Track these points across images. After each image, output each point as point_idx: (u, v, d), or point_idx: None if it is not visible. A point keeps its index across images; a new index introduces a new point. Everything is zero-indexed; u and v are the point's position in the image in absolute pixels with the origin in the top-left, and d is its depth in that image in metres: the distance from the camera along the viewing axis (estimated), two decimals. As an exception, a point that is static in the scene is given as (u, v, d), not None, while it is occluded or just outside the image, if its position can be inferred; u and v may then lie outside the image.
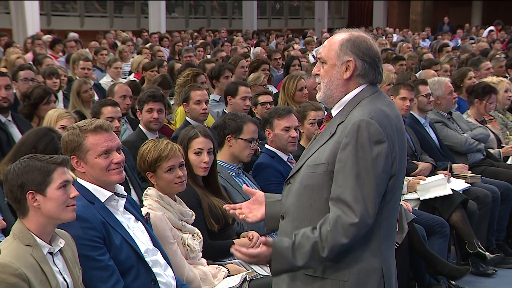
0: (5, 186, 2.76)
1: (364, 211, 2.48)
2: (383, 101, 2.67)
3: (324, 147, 2.62)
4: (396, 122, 2.64)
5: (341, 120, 2.62)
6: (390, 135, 2.55)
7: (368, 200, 2.48)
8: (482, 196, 5.51)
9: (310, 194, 2.62)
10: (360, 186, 2.48)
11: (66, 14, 22.59)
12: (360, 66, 2.64)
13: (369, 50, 2.65)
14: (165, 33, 18.56)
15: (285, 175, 4.48)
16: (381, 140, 2.52)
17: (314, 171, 2.61)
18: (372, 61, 2.66)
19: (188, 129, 4.08)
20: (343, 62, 2.64)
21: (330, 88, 2.69)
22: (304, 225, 2.62)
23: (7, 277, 2.54)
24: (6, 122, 5.41)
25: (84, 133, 3.07)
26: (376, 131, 2.52)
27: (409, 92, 5.80)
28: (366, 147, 2.50)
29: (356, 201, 2.48)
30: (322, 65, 2.71)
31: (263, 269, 3.75)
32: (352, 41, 2.65)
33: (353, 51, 2.64)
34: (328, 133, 2.64)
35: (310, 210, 2.62)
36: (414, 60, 10.60)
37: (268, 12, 28.59)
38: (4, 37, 13.69)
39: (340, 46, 2.65)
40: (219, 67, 7.50)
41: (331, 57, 2.67)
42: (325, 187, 2.58)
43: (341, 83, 2.67)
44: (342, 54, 2.64)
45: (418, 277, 4.81)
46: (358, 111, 2.59)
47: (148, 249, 3.15)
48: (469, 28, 23.20)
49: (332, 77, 2.67)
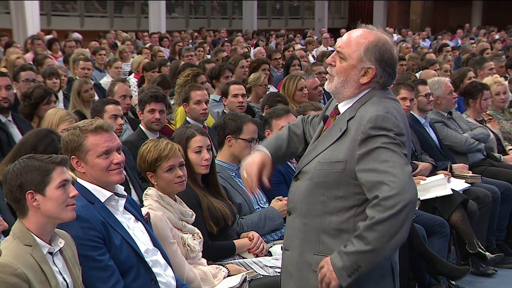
0: (5, 186, 2.76)
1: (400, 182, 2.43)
2: (392, 99, 2.69)
3: (338, 145, 2.60)
4: (404, 119, 2.67)
5: (351, 115, 2.61)
6: (404, 129, 2.57)
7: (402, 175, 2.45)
8: (482, 196, 5.51)
9: (323, 191, 2.61)
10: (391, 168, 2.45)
11: (66, 14, 22.60)
12: (379, 74, 2.65)
13: (391, 59, 2.66)
14: (165, 33, 18.57)
15: (285, 175, 4.49)
16: (400, 132, 2.53)
17: (329, 168, 2.60)
18: (391, 70, 2.67)
19: (183, 129, 4.08)
20: (364, 68, 2.63)
21: (344, 86, 2.68)
22: (312, 222, 2.63)
23: (7, 277, 2.54)
24: (7, 122, 5.41)
25: (84, 133, 3.06)
26: (394, 123, 2.53)
27: (409, 92, 5.80)
28: (390, 137, 2.49)
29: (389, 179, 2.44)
30: (340, 59, 2.67)
31: (263, 269, 3.75)
32: (379, 47, 2.62)
33: (377, 59, 2.62)
34: (339, 129, 2.63)
35: (321, 207, 2.61)
36: (414, 61, 10.61)
37: (268, 12, 28.59)
38: (5, 37, 13.69)
39: (365, 50, 2.62)
40: (219, 67, 7.52)
41: (353, 57, 2.64)
42: (342, 185, 2.57)
43: (356, 85, 2.67)
44: (365, 59, 2.62)
45: (418, 277, 4.81)
46: (371, 107, 2.59)
47: (148, 249, 3.15)
48: (469, 28, 23.21)
49: (348, 77, 2.66)
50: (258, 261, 3.80)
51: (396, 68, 2.68)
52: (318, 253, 2.64)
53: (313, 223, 2.63)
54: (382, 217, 2.41)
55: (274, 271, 3.69)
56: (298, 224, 2.69)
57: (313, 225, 2.64)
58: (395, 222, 2.41)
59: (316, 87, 6.82)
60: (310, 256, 2.65)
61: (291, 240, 2.75)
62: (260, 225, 4.14)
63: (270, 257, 3.89)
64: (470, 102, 6.56)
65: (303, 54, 11.19)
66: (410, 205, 2.42)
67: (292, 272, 2.72)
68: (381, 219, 2.42)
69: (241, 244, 3.91)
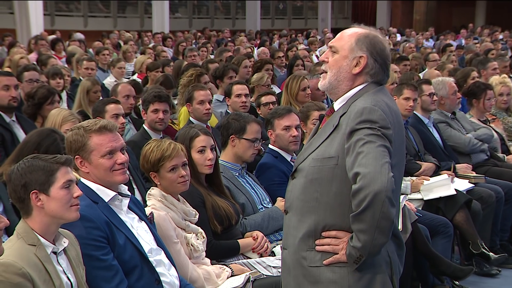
0: (9, 186, 2.76)
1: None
2: (385, 95, 2.70)
3: (330, 140, 2.62)
4: (396, 115, 2.66)
5: (344, 111, 2.63)
6: (392, 123, 2.57)
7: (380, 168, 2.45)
8: (486, 196, 5.50)
9: (317, 187, 2.62)
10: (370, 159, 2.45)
11: (69, 14, 22.63)
12: (371, 64, 2.66)
13: (383, 51, 2.68)
14: (169, 33, 18.58)
15: (288, 175, 4.48)
16: (386, 125, 2.53)
17: (322, 164, 2.61)
18: (383, 62, 2.68)
19: (187, 129, 4.08)
20: (355, 57, 2.66)
21: (337, 79, 2.69)
22: (307, 219, 2.64)
23: (11, 276, 2.54)
24: (11, 122, 5.41)
25: (88, 133, 3.07)
26: (380, 116, 2.53)
27: (413, 92, 5.79)
28: (373, 129, 2.50)
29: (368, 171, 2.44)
30: (332, 54, 2.71)
31: (266, 269, 3.75)
32: (370, 38, 2.67)
33: (368, 48, 2.65)
34: (331, 126, 2.64)
35: (315, 203, 2.63)
36: (418, 61, 10.61)
37: (271, 12, 28.60)
38: (9, 37, 13.71)
39: (356, 41, 2.66)
40: (223, 67, 7.53)
41: (344, 48, 2.67)
42: (334, 180, 2.58)
43: (349, 76, 2.68)
44: (356, 48, 2.65)
45: (422, 277, 4.80)
46: (361, 101, 2.61)
47: (151, 249, 3.15)
48: (473, 28, 23.17)
49: (341, 69, 2.68)
50: (261, 261, 3.81)
51: (388, 63, 2.70)
52: (311, 249, 2.66)
53: (307, 219, 2.64)
54: (358, 210, 2.45)
55: (278, 271, 3.69)
56: (293, 222, 2.70)
57: (307, 222, 2.65)
58: (370, 213, 2.43)
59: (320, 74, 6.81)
60: (304, 252, 2.67)
61: (287, 239, 2.77)
62: (264, 225, 4.14)
63: (274, 257, 3.89)
64: (474, 102, 6.56)
65: (306, 54, 11.19)
66: (380, 196, 2.40)
67: (290, 269, 2.74)
68: (358, 212, 2.45)
69: (245, 244, 3.91)
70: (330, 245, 2.61)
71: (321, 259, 2.64)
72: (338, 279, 2.61)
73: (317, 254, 2.65)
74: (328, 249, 2.62)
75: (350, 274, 2.60)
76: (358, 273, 2.59)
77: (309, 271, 2.66)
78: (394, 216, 2.48)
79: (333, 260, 2.61)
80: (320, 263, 2.64)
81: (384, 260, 2.65)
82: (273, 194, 4.40)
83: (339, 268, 2.61)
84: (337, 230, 2.62)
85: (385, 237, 2.49)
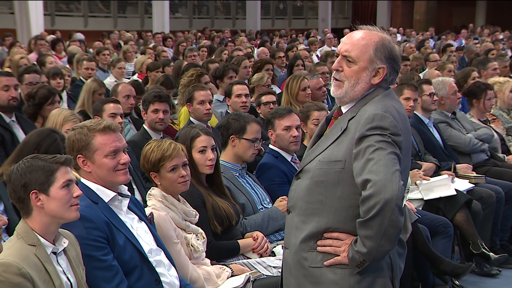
0: (9, 186, 2.76)
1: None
2: (393, 99, 2.70)
3: (338, 144, 2.62)
4: (405, 121, 2.67)
5: (352, 115, 2.63)
6: (401, 130, 2.57)
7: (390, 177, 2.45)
8: (486, 197, 5.50)
9: (322, 190, 2.62)
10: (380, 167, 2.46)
11: (70, 14, 22.65)
12: (389, 73, 2.68)
13: (397, 56, 2.70)
14: (169, 33, 18.59)
15: (288, 175, 4.49)
16: (397, 132, 2.53)
17: (328, 167, 2.61)
18: (398, 68, 2.71)
19: (188, 129, 4.08)
20: (375, 68, 2.65)
21: (355, 89, 2.68)
22: (311, 220, 2.64)
23: (11, 276, 2.54)
24: (11, 122, 5.42)
25: (92, 132, 3.06)
26: (391, 122, 2.53)
27: (413, 92, 5.79)
28: (384, 136, 2.50)
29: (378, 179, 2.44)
30: (347, 63, 2.68)
31: (266, 269, 3.75)
32: (386, 46, 2.66)
33: (387, 57, 2.66)
34: (339, 129, 2.64)
35: (320, 206, 2.63)
36: (418, 61, 10.61)
37: (271, 12, 28.61)
38: (9, 38, 13.71)
39: (374, 51, 2.64)
40: (223, 67, 7.52)
41: (363, 60, 2.65)
42: (340, 184, 2.58)
43: (367, 86, 2.68)
44: (376, 59, 2.65)
45: (422, 277, 4.80)
46: (371, 106, 2.60)
47: (151, 249, 3.15)
48: (473, 28, 23.16)
49: (360, 80, 2.67)
50: (261, 261, 3.80)
51: (400, 63, 2.73)
52: (312, 250, 2.66)
53: (311, 221, 2.65)
54: (367, 217, 2.45)
55: (278, 271, 3.68)
56: (296, 222, 2.71)
57: (310, 223, 2.66)
58: (379, 221, 2.43)
59: (320, 88, 6.81)
60: (305, 252, 2.68)
61: (289, 238, 2.77)
62: (264, 225, 4.14)
63: (274, 257, 3.89)
64: (474, 102, 6.56)
65: (307, 54, 11.19)
66: (390, 204, 2.41)
67: (291, 269, 2.74)
68: (366, 219, 2.45)
69: (245, 244, 3.91)
70: (331, 246, 2.62)
71: (322, 260, 2.64)
72: (339, 280, 2.61)
73: (318, 255, 2.65)
74: (329, 250, 2.62)
75: (351, 275, 2.60)
76: (359, 274, 2.60)
77: (310, 272, 2.66)
78: (402, 224, 2.48)
79: (334, 261, 2.61)
80: (321, 264, 2.64)
81: (385, 262, 2.65)
82: (274, 194, 4.40)
83: (340, 269, 2.62)
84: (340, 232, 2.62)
85: (391, 245, 2.49)
